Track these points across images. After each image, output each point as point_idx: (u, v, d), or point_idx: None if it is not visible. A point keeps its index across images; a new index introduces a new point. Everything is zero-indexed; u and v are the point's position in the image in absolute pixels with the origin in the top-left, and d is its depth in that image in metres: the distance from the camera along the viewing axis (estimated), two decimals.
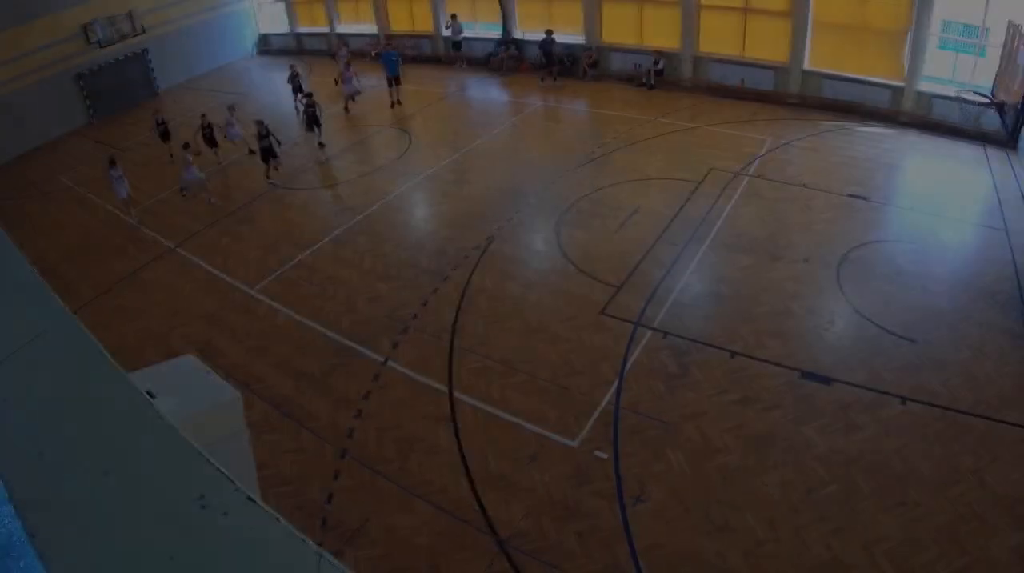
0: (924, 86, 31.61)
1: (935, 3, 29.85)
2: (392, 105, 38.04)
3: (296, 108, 37.78)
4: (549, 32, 39.35)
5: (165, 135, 33.99)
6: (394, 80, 38.04)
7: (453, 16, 43.79)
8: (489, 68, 43.56)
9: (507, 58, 43.09)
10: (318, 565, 3.19)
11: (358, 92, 37.93)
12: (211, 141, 32.12)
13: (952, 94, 30.22)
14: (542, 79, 39.76)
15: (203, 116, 32.68)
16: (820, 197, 25.25)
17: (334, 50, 46.47)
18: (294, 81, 38.83)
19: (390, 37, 47.26)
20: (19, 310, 5.00)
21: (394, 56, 38.08)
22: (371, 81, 42.02)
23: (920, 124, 31.38)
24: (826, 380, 17.09)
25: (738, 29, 36.17)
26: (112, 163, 27.60)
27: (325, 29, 51.29)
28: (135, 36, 43.72)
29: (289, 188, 29.54)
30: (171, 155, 32.22)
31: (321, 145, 33.52)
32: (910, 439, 15.30)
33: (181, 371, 7.38)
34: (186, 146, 29.31)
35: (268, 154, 30.30)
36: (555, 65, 39.57)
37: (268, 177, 30.30)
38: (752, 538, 13.55)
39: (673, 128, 31.97)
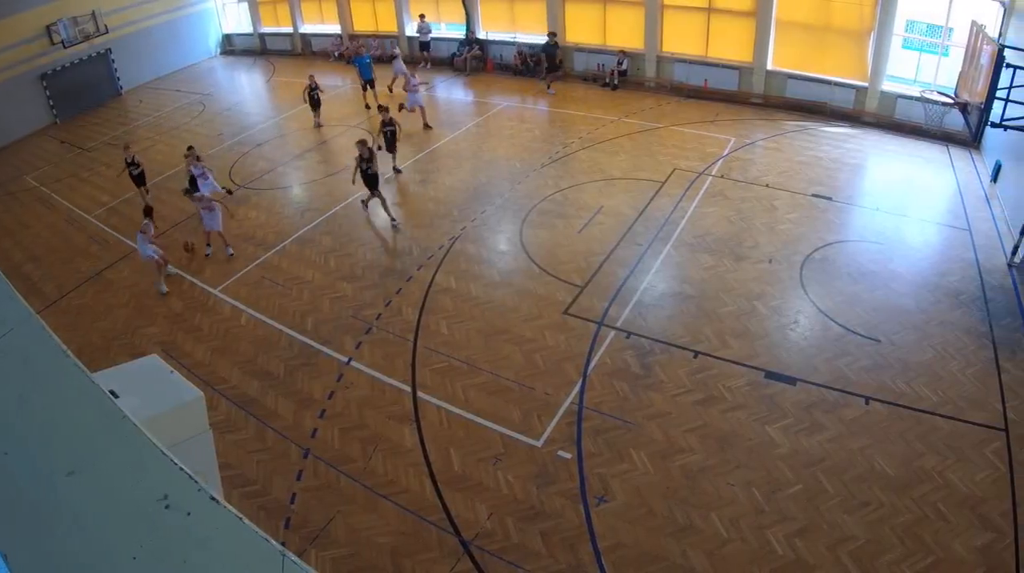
0: (888, 86, 31.78)
1: (899, 3, 29.95)
2: (367, 107, 37.63)
3: (317, 124, 36.14)
4: (552, 35, 38.39)
5: (140, 178, 28.65)
6: (369, 84, 37.65)
7: (421, 16, 43.79)
8: (453, 68, 43.49)
9: (471, 58, 43.08)
10: (282, 565, 3.27)
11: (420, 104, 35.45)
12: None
13: (916, 94, 30.32)
14: (549, 86, 38.61)
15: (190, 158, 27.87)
16: (784, 197, 25.27)
17: (373, 51, 45.65)
18: (312, 95, 35.65)
19: (354, 37, 47.17)
20: None
21: (367, 60, 37.72)
22: (335, 81, 42.00)
23: (884, 124, 31.52)
24: (790, 380, 17.08)
25: (702, 29, 36.27)
26: (147, 213, 23.84)
27: (289, 29, 50.98)
28: (99, 36, 43.38)
29: (253, 189, 29.26)
30: (145, 201, 28.65)
31: (397, 171, 30.12)
32: (874, 439, 15.30)
33: (145, 371, 7.39)
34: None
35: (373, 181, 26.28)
36: (559, 70, 38.87)
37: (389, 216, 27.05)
38: (716, 538, 13.48)
39: (637, 128, 31.93)
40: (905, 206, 24.72)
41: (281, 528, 14.19)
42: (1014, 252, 21.05)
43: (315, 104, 35.35)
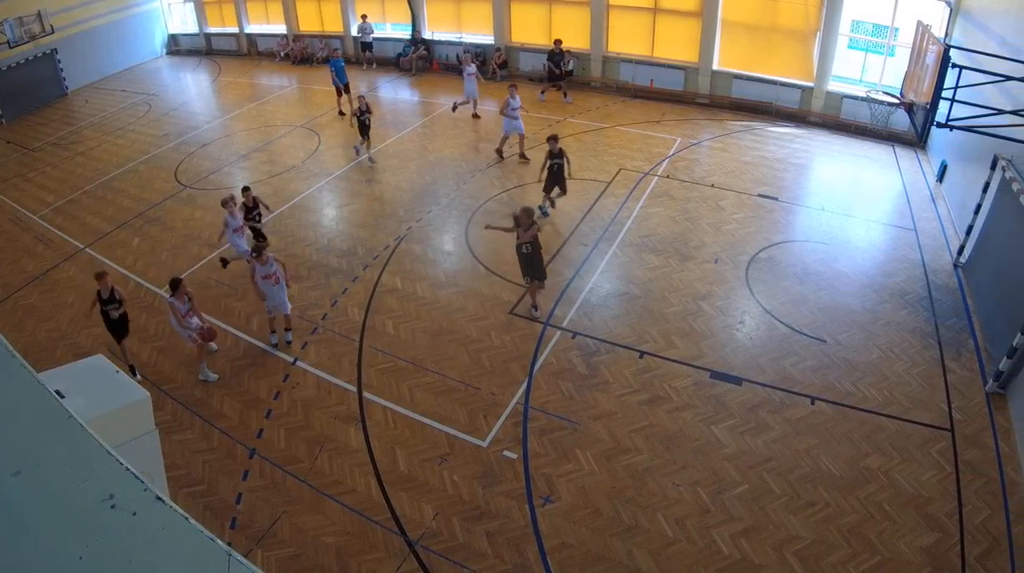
0: (834, 86, 31.97)
1: (844, 3, 30.08)
2: (341, 114, 36.50)
3: (368, 158, 31.15)
4: (558, 42, 36.15)
5: (118, 325, 18.58)
6: (344, 89, 36.22)
7: (363, 17, 43.50)
8: (399, 68, 43.23)
9: (417, 58, 42.92)
10: (228, 565, 3.29)
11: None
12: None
13: (862, 94, 30.49)
14: (563, 95, 36.84)
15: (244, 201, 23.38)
16: (730, 197, 25.30)
17: (319, 52, 44.70)
18: (361, 119, 29.65)
19: (299, 38, 46.88)
20: None
21: (342, 63, 36.26)
22: (281, 81, 41.78)
23: (830, 124, 31.70)
24: (736, 380, 17.06)
25: (648, 29, 36.34)
26: (174, 287, 17.81)
27: (234, 29, 50.50)
28: (45, 36, 42.70)
29: (199, 189, 28.93)
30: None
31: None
32: (820, 439, 15.34)
33: (91, 371, 7.40)
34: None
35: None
36: (564, 80, 36.59)
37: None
38: (662, 538, 13.47)
39: (583, 128, 31.86)
40: (851, 206, 24.82)
41: (227, 528, 14.04)
42: (960, 252, 21.13)
43: (364, 129, 30.06)
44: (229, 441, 16.26)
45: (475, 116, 34.68)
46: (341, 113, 36.21)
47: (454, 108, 34.43)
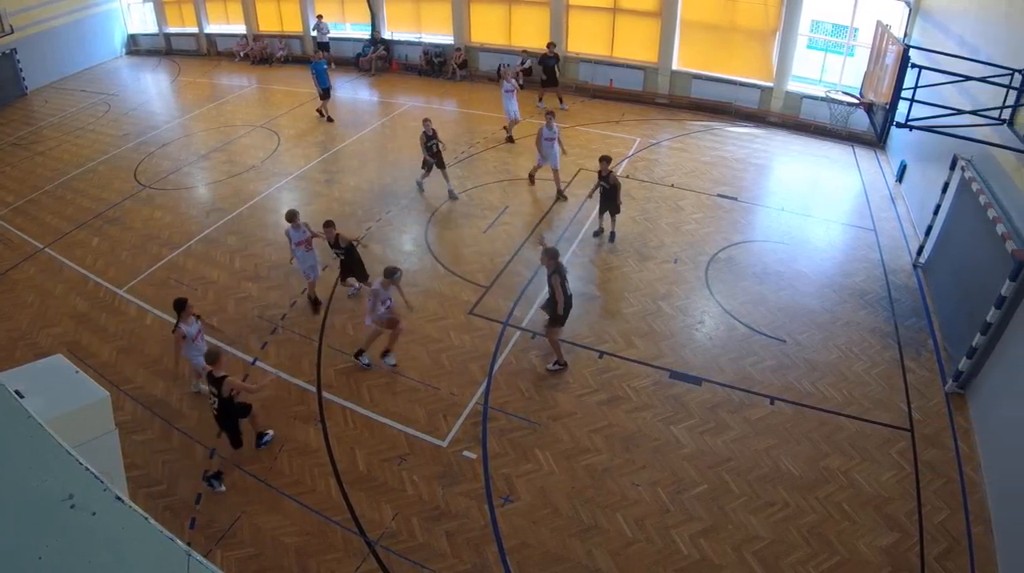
0: (793, 86, 32.12)
1: (804, 3, 30.17)
2: (324, 116, 35.62)
3: (452, 194, 26.67)
4: (552, 46, 34.86)
5: None
6: (326, 92, 35.03)
7: (319, 17, 43.36)
8: (359, 68, 43.05)
9: (376, 58, 42.79)
10: (187, 565, 3.28)
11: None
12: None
13: (821, 94, 30.58)
14: (559, 101, 35.45)
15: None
16: (690, 197, 25.32)
17: (278, 52, 44.18)
18: (430, 146, 25.93)
19: (258, 38, 46.66)
20: None
21: (324, 66, 35.17)
22: (241, 82, 41.58)
23: (789, 124, 31.82)
24: (696, 380, 17.05)
25: (607, 29, 36.44)
26: (180, 308, 16.87)
27: (194, 29, 50.18)
28: (4, 36, 42.19)
29: (158, 189, 28.70)
30: None
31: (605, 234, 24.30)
32: (780, 439, 15.36)
33: (51, 371, 7.40)
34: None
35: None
36: (556, 84, 35.10)
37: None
38: (621, 538, 13.47)
39: (527, 130, 31.64)
40: (810, 206, 24.91)
41: (187, 528, 13.96)
42: (919, 252, 21.19)
43: (435, 158, 26.28)
44: (188, 441, 16.14)
45: (510, 140, 31.52)
46: (325, 117, 35.48)
47: (509, 139, 31.48)
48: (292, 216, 19.76)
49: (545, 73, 34.52)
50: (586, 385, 17.12)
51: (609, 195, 22.46)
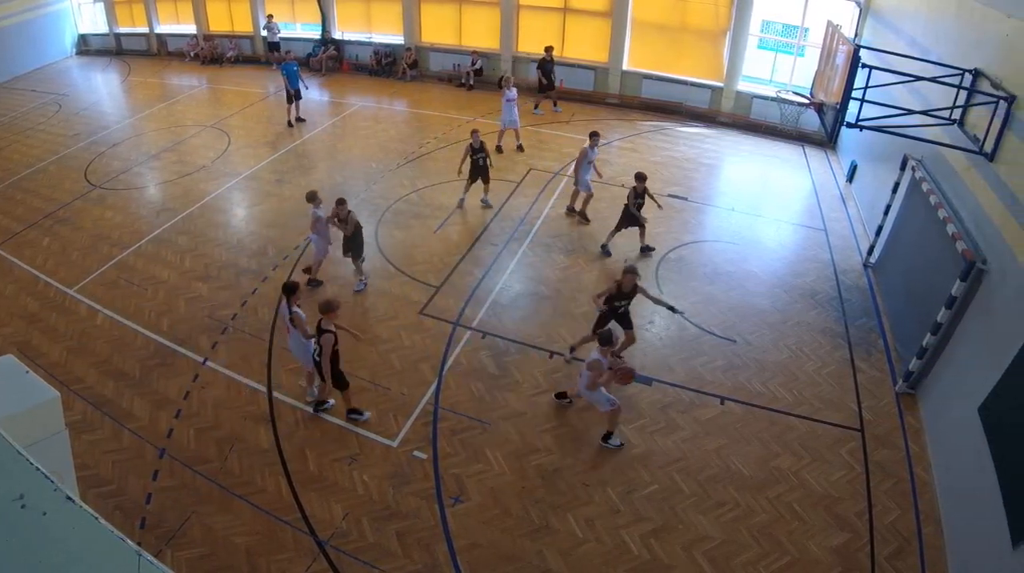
0: (744, 86, 32.26)
1: (754, 3, 30.27)
2: (290, 124, 34.61)
3: (484, 202, 25.60)
4: (549, 49, 34.13)
5: None
6: (296, 95, 34.26)
7: (270, 17, 43.12)
8: (309, 68, 42.68)
9: (327, 58, 42.57)
10: (138, 565, 3.32)
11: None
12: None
13: (772, 94, 30.63)
14: (551, 104, 35.24)
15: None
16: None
17: (229, 52, 43.78)
18: (478, 160, 24.60)
19: (209, 38, 46.37)
20: None
21: (295, 67, 34.35)
22: (191, 82, 41.33)
23: (740, 124, 31.99)
24: (646, 380, 17.03)
25: (558, 29, 36.43)
26: (292, 291, 16.29)
27: (145, 29, 49.74)
28: None
29: (109, 189, 28.42)
30: None
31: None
32: (730, 439, 15.38)
33: (0, 371, 7.22)
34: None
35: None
36: (554, 89, 34.67)
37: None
38: (571, 538, 13.48)
39: (493, 128, 31.52)
40: (761, 206, 25.03)
41: (137, 528, 13.79)
42: (869, 252, 21.30)
43: (480, 173, 24.96)
44: (139, 441, 15.95)
45: (519, 148, 30.44)
46: (290, 123, 34.62)
47: (498, 148, 30.08)
48: (313, 197, 20.22)
49: (544, 77, 34.25)
50: (536, 385, 17.07)
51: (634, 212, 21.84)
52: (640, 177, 21.48)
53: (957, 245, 14.67)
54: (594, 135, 23.69)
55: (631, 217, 21.81)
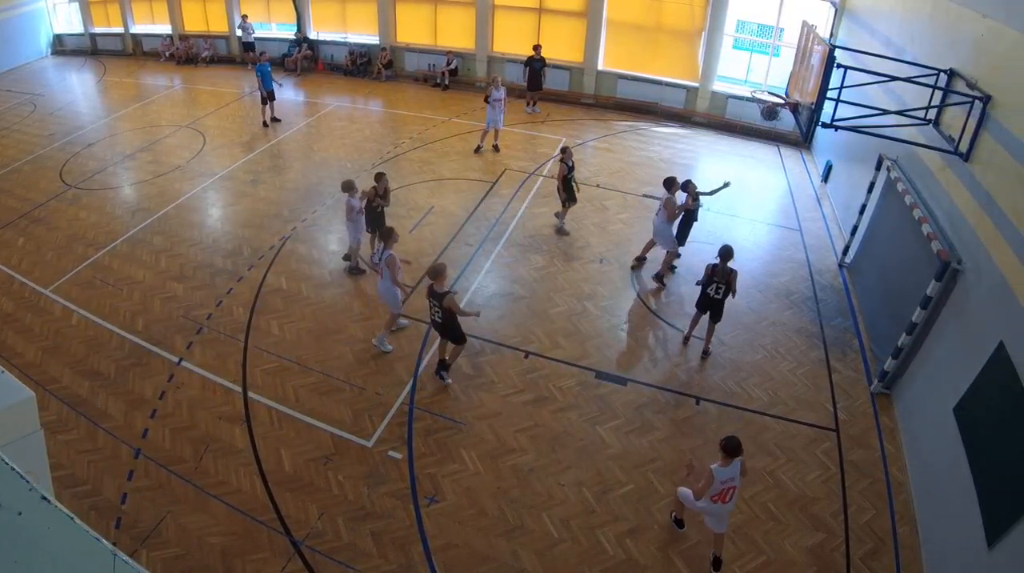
0: (719, 86, 32.32)
1: (730, 3, 30.32)
2: (265, 125, 34.49)
3: (559, 226, 23.86)
4: (537, 48, 34.31)
5: None
6: (270, 96, 33.96)
7: (244, 17, 42.99)
8: (284, 68, 42.59)
9: (302, 58, 42.37)
10: (113, 565, 3.30)
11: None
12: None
13: (747, 94, 30.67)
14: (531, 104, 35.53)
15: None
16: (615, 197, 25.41)
17: (203, 52, 43.61)
18: (569, 183, 23.04)
19: (184, 38, 46.20)
20: None
21: (268, 68, 33.83)
22: (163, 81, 41.19)
23: (715, 124, 31.97)
24: (621, 380, 17.04)
25: (533, 29, 36.40)
26: (388, 236, 17.92)
27: (120, 29, 49.52)
28: None
29: (84, 189, 28.28)
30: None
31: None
32: (705, 439, 15.37)
33: None
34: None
35: None
36: (541, 88, 34.84)
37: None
38: (547, 538, 13.46)
39: (468, 128, 31.67)
40: (736, 206, 25.02)
41: (112, 528, 13.67)
42: (845, 252, 21.34)
43: (569, 190, 23.33)
44: (114, 441, 15.83)
45: (495, 148, 30.37)
46: (265, 124, 34.39)
47: (477, 148, 30.41)
48: (351, 186, 20.62)
49: (531, 77, 34.30)
50: (512, 385, 17.04)
51: (694, 217, 21.25)
52: (686, 182, 20.79)
53: (932, 245, 14.69)
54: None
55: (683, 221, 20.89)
